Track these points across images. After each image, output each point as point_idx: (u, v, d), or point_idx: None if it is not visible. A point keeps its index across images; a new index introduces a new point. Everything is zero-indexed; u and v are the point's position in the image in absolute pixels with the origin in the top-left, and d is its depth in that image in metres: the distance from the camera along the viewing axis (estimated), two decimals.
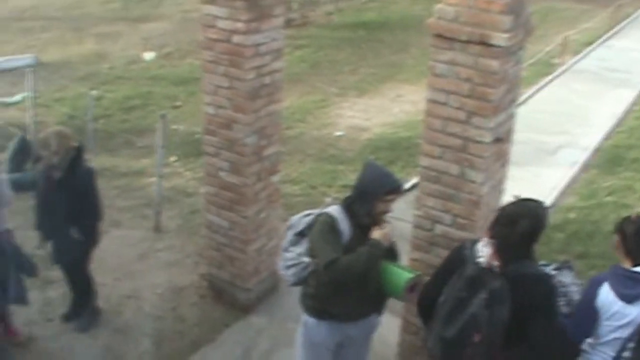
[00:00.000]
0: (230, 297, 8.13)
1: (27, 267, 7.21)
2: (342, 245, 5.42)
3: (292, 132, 13.23)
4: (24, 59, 16.84)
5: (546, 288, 4.90)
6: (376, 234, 5.43)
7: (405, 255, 6.22)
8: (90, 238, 7.43)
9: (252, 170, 7.53)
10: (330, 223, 5.48)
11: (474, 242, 5.02)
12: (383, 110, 14.61)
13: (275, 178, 7.92)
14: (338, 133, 13.34)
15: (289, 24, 18.07)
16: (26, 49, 18.18)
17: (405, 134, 13.15)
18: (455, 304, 4.94)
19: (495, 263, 4.80)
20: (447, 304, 5.00)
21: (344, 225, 5.47)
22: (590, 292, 4.96)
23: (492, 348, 4.78)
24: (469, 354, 4.85)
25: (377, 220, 5.53)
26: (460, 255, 5.07)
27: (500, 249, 4.80)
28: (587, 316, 4.97)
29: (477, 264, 4.87)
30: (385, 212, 5.50)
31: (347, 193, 5.79)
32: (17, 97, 14.28)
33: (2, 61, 16.41)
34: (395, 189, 5.45)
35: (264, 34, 7.11)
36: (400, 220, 6.21)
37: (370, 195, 5.42)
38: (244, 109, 7.21)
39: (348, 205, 5.55)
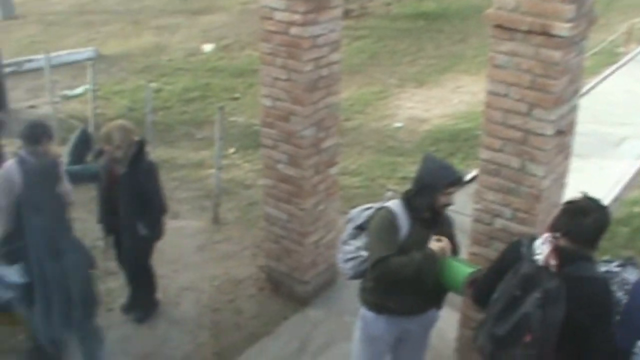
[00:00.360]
0: (288, 290, 8.12)
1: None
2: (400, 240, 5.39)
3: (351, 123, 13.18)
4: (84, 52, 17.06)
5: (604, 293, 4.71)
6: (434, 245, 5.38)
7: (465, 248, 6.14)
8: (155, 232, 7.46)
9: (310, 163, 7.50)
10: (388, 218, 5.44)
11: (532, 238, 4.90)
12: (442, 101, 14.48)
13: (333, 170, 7.87)
14: (397, 124, 13.25)
15: (347, 15, 18.01)
16: (87, 42, 18.40)
17: (465, 125, 13.01)
18: (508, 302, 4.84)
19: (553, 262, 4.67)
20: (500, 301, 4.90)
21: (403, 220, 5.43)
22: (636, 294, 4.82)
23: (543, 349, 4.65)
24: (519, 354, 4.74)
25: (438, 213, 5.49)
26: (516, 252, 4.95)
27: (563, 246, 4.68)
28: (635, 319, 4.82)
29: (534, 262, 4.74)
30: (447, 204, 5.45)
31: (407, 185, 5.74)
32: (78, 90, 14.46)
33: (63, 54, 16.62)
34: (456, 181, 5.39)
35: (321, 25, 7.06)
36: (459, 213, 6.11)
37: (431, 188, 5.37)
38: (301, 101, 7.17)
39: (408, 200, 5.50)
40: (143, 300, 7.86)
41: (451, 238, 5.67)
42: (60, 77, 13.94)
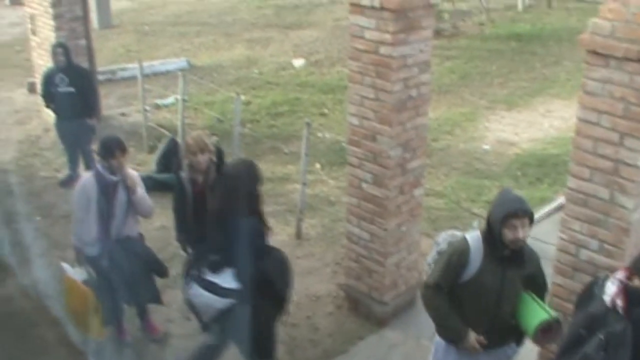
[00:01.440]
0: (366, 310, 8.07)
1: (158, 268, 7.46)
2: (470, 274, 5.31)
3: (439, 144, 13.07)
4: (177, 63, 17.35)
5: None
6: (472, 337, 5.38)
7: (548, 278, 6.00)
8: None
9: (395, 183, 7.46)
10: (460, 251, 5.38)
11: (606, 277, 4.75)
12: (532, 125, 14.24)
13: (418, 192, 7.81)
14: (485, 147, 13.09)
15: (439, 34, 17.95)
16: (180, 52, 18.70)
17: (555, 150, 12.77)
18: (572, 341, 4.73)
19: (620, 303, 4.50)
20: (566, 339, 4.82)
21: (477, 254, 5.31)
22: None
23: None
24: None
25: (516, 251, 5.27)
26: (590, 292, 4.83)
27: (636, 287, 4.50)
28: None
29: (602, 301, 4.59)
30: (515, 240, 5.17)
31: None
32: (169, 100, 14.67)
33: (156, 64, 16.92)
34: (513, 213, 5.13)
35: (411, 45, 7.03)
36: (543, 242, 5.98)
37: (495, 221, 5.21)
38: (389, 121, 7.14)
39: (485, 235, 5.37)
40: None
41: (534, 279, 5.51)
42: (152, 86, 14.15)
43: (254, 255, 6.10)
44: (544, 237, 5.90)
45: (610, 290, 4.56)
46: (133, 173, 7.32)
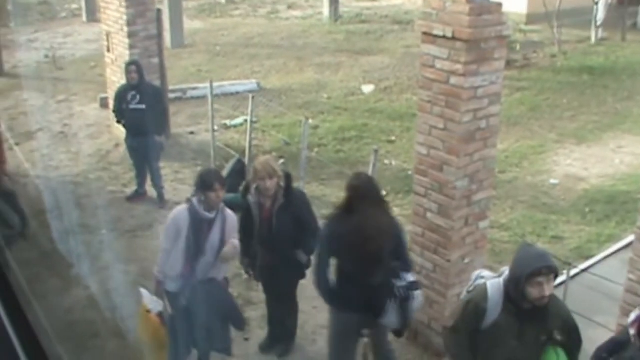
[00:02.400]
0: (425, 340, 8.00)
1: (236, 320, 7.34)
2: (487, 324, 5.18)
3: (506, 176, 12.93)
4: (247, 84, 17.52)
5: None
6: None
7: (613, 318, 5.90)
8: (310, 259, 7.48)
9: (460, 215, 7.40)
10: (476, 301, 5.27)
11: None
12: (602, 160, 14.01)
13: (483, 224, 7.74)
14: (553, 181, 12.91)
15: (510, 65, 17.79)
16: (250, 74, 18.87)
17: (625, 187, 12.53)
18: None
19: (632, 331, 4.56)
20: None
21: (495, 305, 5.15)
22: None
23: None
24: None
25: (538, 307, 5.04)
26: None
27: None
28: None
29: (626, 328, 4.73)
30: (541, 297, 4.95)
31: (556, 245, 5.55)
32: (238, 120, 14.81)
33: (226, 85, 17.11)
34: (538, 271, 4.89)
35: (483, 76, 6.98)
36: (610, 281, 5.87)
37: (518, 278, 4.98)
38: (457, 151, 7.10)
39: (508, 287, 5.17)
40: (285, 333, 7.91)
41: (565, 334, 5.25)
42: (222, 106, 14.31)
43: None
44: (611, 276, 5.77)
45: (631, 318, 4.68)
46: (232, 220, 7.17)
